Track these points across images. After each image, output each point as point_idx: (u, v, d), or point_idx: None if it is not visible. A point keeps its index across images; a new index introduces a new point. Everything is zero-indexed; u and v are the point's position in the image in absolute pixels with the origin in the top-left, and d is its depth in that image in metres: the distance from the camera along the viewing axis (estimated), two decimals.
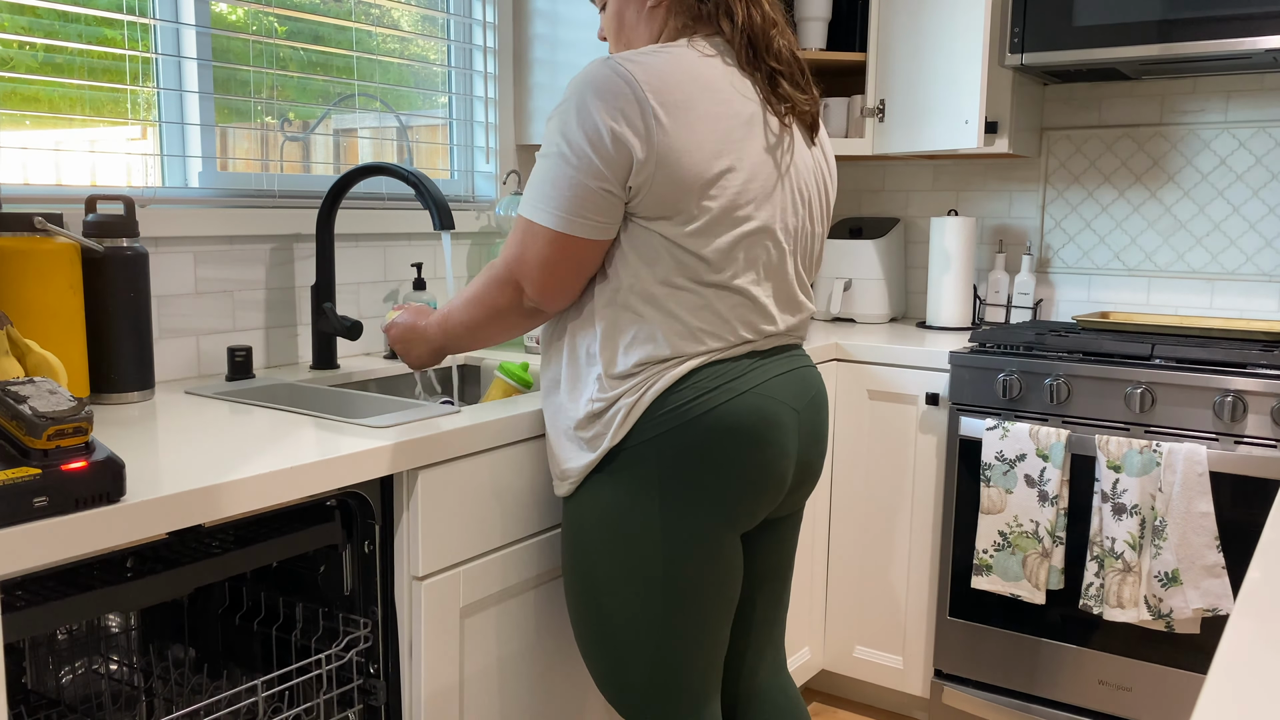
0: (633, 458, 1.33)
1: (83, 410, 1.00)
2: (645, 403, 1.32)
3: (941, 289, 2.63)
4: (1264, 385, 1.94)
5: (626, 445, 1.33)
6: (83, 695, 1.33)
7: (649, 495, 1.33)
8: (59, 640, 1.37)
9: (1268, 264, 2.49)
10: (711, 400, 1.32)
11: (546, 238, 1.30)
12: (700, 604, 1.37)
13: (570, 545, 1.41)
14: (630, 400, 1.32)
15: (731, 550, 1.38)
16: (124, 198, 1.55)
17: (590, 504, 1.37)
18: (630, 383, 1.32)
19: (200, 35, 1.83)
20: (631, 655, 1.38)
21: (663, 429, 1.32)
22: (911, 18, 2.46)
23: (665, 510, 1.33)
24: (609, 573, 1.36)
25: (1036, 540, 2.11)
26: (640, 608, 1.35)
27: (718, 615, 1.40)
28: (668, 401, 1.32)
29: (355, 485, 1.31)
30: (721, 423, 1.32)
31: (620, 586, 1.36)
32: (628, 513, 1.34)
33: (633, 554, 1.34)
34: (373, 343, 2.13)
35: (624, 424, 1.32)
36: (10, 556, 0.93)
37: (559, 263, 1.31)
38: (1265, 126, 2.46)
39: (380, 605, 1.37)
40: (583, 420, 1.35)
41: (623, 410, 1.32)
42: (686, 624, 1.37)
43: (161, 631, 1.52)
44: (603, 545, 1.36)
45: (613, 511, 1.34)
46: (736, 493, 1.35)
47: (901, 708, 2.52)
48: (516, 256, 1.33)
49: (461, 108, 2.40)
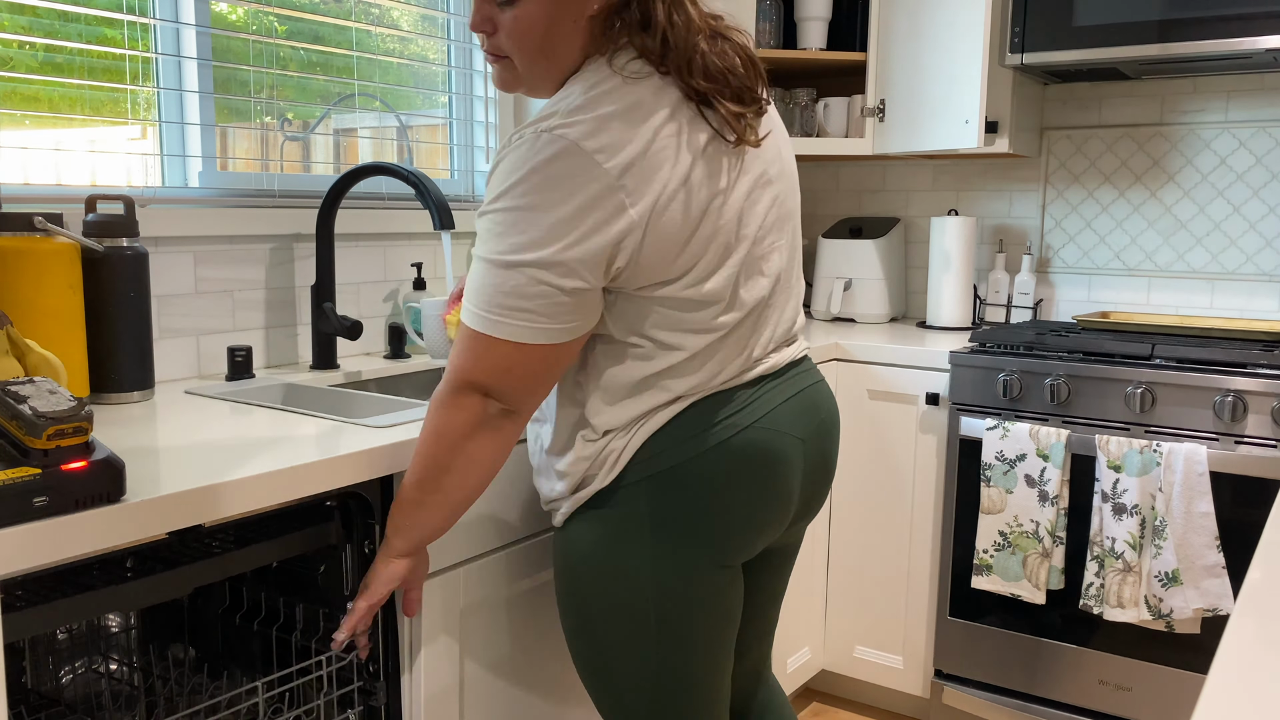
0: (622, 498, 1.24)
1: (83, 410, 1.00)
2: (635, 445, 1.23)
3: (942, 289, 2.63)
4: (1264, 385, 1.94)
5: (617, 486, 1.25)
6: (83, 695, 1.33)
7: (639, 535, 1.24)
8: (59, 640, 1.37)
9: (1268, 264, 2.49)
10: (708, 440, 1.22)
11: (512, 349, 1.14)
12: (699, 643, 1.30)
13: (562, 577, 1.32)
14: (620, 444, 1.23)
15: (730, 585, 1.30)
16: (124, 198, 1.55)
17: (580, 537, 1.28)
18: (621, 426, 1.23)
19: (200, 35, 1.83)
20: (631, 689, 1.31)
21: (653, 470, 1.23)
22: (911, 18, 2.46)
23: (657, 552, 1.24)
24: (602, 607, 1.28)
25: (1037, 540, 2.11)
26: (636, 645, 1.29)
27: (719, 650, 1.33)
28: (657, 443, 1.23)
29: (355, 485, 1.31)
30: (719, 464, 1.22)
31: (615, 622, 1.28)
32: (617, 550, 1.25)
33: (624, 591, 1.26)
34: (373, 343, 2.13)
35: (614, 467, 1.24)
36: (10, 556, 0.93)
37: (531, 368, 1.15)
38: (1265, 126, 2.46)
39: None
40: (568, 466, 1.26)
41: (614, 453, 1.24)
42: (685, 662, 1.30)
43: (161, 631, 1.52)
44: (592, 581, 1.28)
45: (602, 547, 1.26)
46: (734, 533, 1.27)
47: (901, 708, 2.52)
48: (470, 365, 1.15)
49: (461, 108, 2.40)
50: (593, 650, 1.32)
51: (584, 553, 1.29)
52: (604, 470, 1.24)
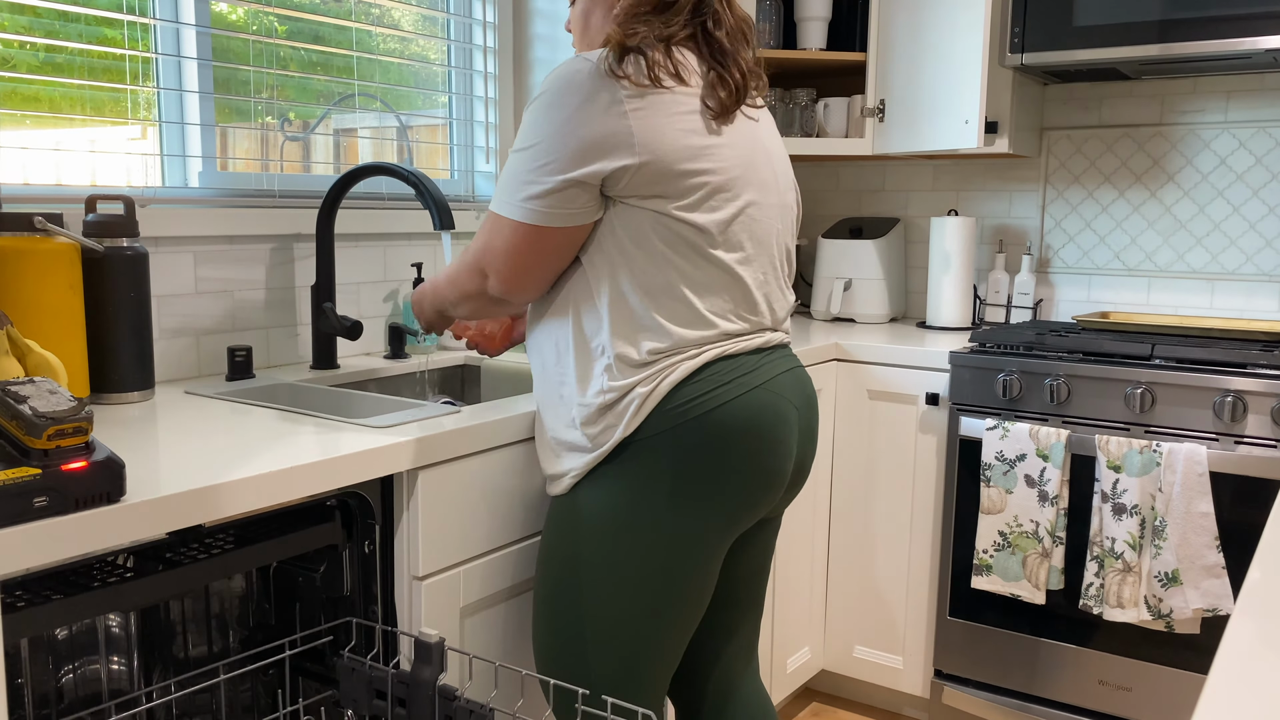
0: (642, 451, 1.30)
1: (83, 410, 1.00)
2: (660, 393, 1.29)
3: (941, 289, 2.63)
4: (1264, 385, 1.94)
5: (637, 438, 1.31)
6: (83, 695, 1.33)
7: (657, 490, 1.30)
8: (59, 640, 1.37)
9: (1268, 264, 2.49)
10: (726, 394, 1.31)
11: (511, 229, 1.30)
12: (684, 606, 1.36)
13: (557, 537, 1.37)
14: (645, 390, 1.29)
15: (722, 552, 1.37)
16: (124, 198, 1.55)
17: (589, 498, 1.34)
18: (645, 372, 1.30)
19: (200, 35, 1.83)
20: (598, 653, 1.35)
21: (677, 421, 1.30)
22: (911, 18, 2.46)
23: (673, 507, 1.31)
24: (596, 566, 1.33)
25: (1036, 540, 2.11)
26: (624, 604, 1.33)
27: (693, 618, 1.38)
28: (683, 393, 1.30)
29: (355, 485, 1.31)
30: (736, 418, 1.31)
31: (605, 581, 1.33)
32: (631, 508, 1.31)
33: (628, 549, 1.32)
34: (373, 343, 2.13)
35: (637, 415, 1.30)
36: (10, 556, 0.93)
37: (525, 253, 1.31)
38: (1265, 126, 2.46)
39: (380, 605, 1.37)
40: (592, 414, 1.32)
41: (636, 400, 1.30)
42: (666, 625, 1.35)
43: (161, 631, 1.52)
44: (596, 539, 1.33)
45: (615, 506, 1.32)
46: (745, 492, 1.34)
47: (901, 708, 2.52)
48: (483, 246, 1.35)
49: (461, 108, 2.40)
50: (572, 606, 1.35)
51: (596, 509, 1.33)
52: (625, 420, 1.30)
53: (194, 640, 1.42)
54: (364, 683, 1.25)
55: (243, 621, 1.47)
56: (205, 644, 1.43)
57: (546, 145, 1.27)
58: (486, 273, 1.35)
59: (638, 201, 1.28)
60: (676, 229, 1.29)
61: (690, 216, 1.29)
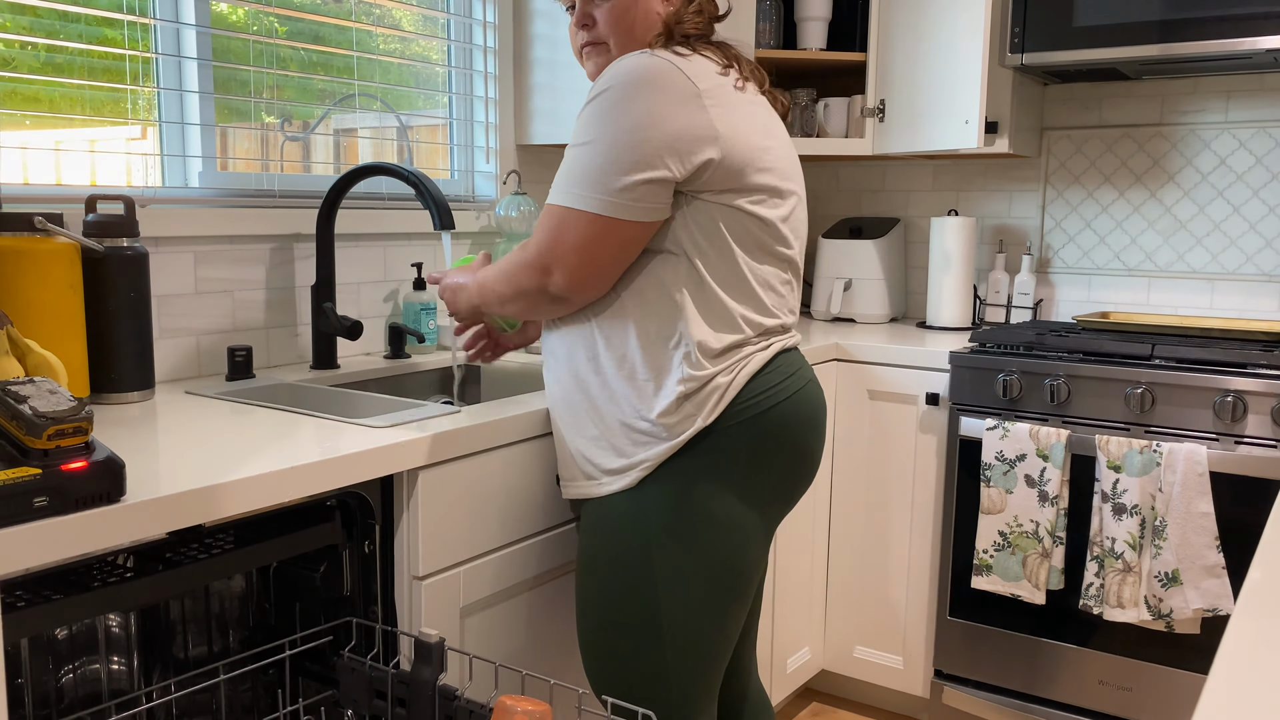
0: (719, 441, 1.30)
1: (83, 410, 1.00)
2: (738, 384, 1.30)
3: (941, 289, 2.63)
4: (1264, 385, 1.94)
5: (716, 428, 1.30)
6: (83, 695, 1.33)
7: (732, 482, 1.31)
8: (59, 640, 1.37)
9: (1268, 264, 2.49)
10: (792, 385, 1.34)
11: (586, 222, 1.27)
12: (747, 600, 1.37)
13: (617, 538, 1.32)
14: (725, 380, 1.30)
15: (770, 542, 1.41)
16: (124, 198, 1.55)
17: (661, 492, 1.30)
18: (724, 362, 1.30)
19: (200, 35, 1.83)
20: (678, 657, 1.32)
21: (752, 413, 1.31)
22: (911, 18, 2.46)
23: (743, 499, 1.31)
24: (672, 566, 1.30)
25: (1036, 540, 2.11)
26: (703, 601, 1.31)
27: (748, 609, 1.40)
28: (756, 385, 1.31)
29: (355, 485, 1.31)
30: (800, 411, 1.34)
31: (684, 580, 1.30)
32: (709, 499, 1.30)
33: (708, 543, 1.30)
34: (373, 343, 2.13)
35: (718, 405, 1.29)
36: (10, 556, 0.93)
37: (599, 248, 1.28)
38: (1265, 126, 2.46)
39: (380, 605, 1.37)
40: (672, 403, 1.29)
41: (718, 390, 1.30)
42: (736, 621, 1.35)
43: (161, 631, 1.52)
44: (673, 534, 1.30)
45: (692, 498, 1.30)
46: (799, 484, 1.38)
47: (901, 708, 2.52)
48: (550, 241, 1.29)
49: (462, 108, 2.40)
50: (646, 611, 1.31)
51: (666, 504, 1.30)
52: (706, 410, 1.30)
53: (194, 640, 1.42)
54: (364, 683, 1.25)
55: (243, 621, 1.47)
56: (205, 644, 1.43)
57: (627, 139, 1.24)
58: (551, 269, 1.30)
59: (711, 196, 1.29)
60: (746, 224, 1.30)
61: (759, 211, 1.31)
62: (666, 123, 1.24)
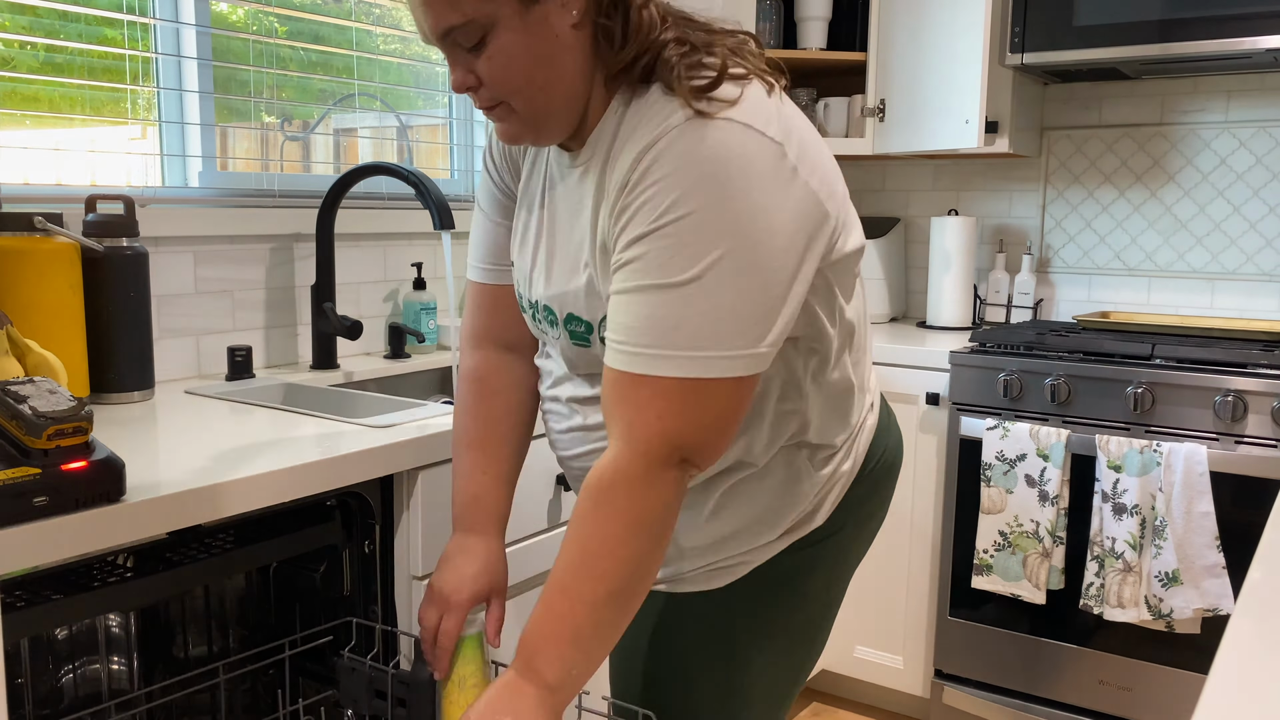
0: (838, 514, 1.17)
1: (83, 410, 1.00)
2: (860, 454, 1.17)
3: (942, 289, 2.63)
4: (1264, 385, 1.94)
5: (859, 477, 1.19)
6: (83, 695, 1.33)
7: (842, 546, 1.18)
8: (59, 640, 1.37)
9: (1268, 264, 2.48)
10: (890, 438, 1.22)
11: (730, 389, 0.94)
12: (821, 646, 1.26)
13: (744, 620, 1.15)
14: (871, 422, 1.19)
15: None
16: (124, 197, 1.55)
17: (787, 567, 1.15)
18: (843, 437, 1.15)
19: (200, 35, 1.83)
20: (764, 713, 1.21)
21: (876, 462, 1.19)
22: (911, 18, 2.46)
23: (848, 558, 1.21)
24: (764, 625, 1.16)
25: (1037, 540, 2.11)
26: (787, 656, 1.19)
27: None
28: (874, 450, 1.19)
29: (355, 485, 1.31)
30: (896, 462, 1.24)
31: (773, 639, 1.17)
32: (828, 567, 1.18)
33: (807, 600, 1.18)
34: (373, 343, 2.13)
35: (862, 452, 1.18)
36: (10, 556, 0.93)
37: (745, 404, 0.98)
38: (1265, 126, 2.46)
39: (380, 605, 1.37)
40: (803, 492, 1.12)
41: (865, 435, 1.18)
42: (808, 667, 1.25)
43: (161, 631, 1.52)
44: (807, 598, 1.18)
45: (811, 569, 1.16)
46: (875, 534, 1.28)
47: (901, 708, 2.52)
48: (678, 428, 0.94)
49: (461, 108, 2.40)
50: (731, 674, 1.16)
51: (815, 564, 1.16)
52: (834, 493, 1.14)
53: (194, 640, 1.42)
54: (364, 683, 1.25)
55: (243, 621, 1.47)
56: (205, 644, 1.43)
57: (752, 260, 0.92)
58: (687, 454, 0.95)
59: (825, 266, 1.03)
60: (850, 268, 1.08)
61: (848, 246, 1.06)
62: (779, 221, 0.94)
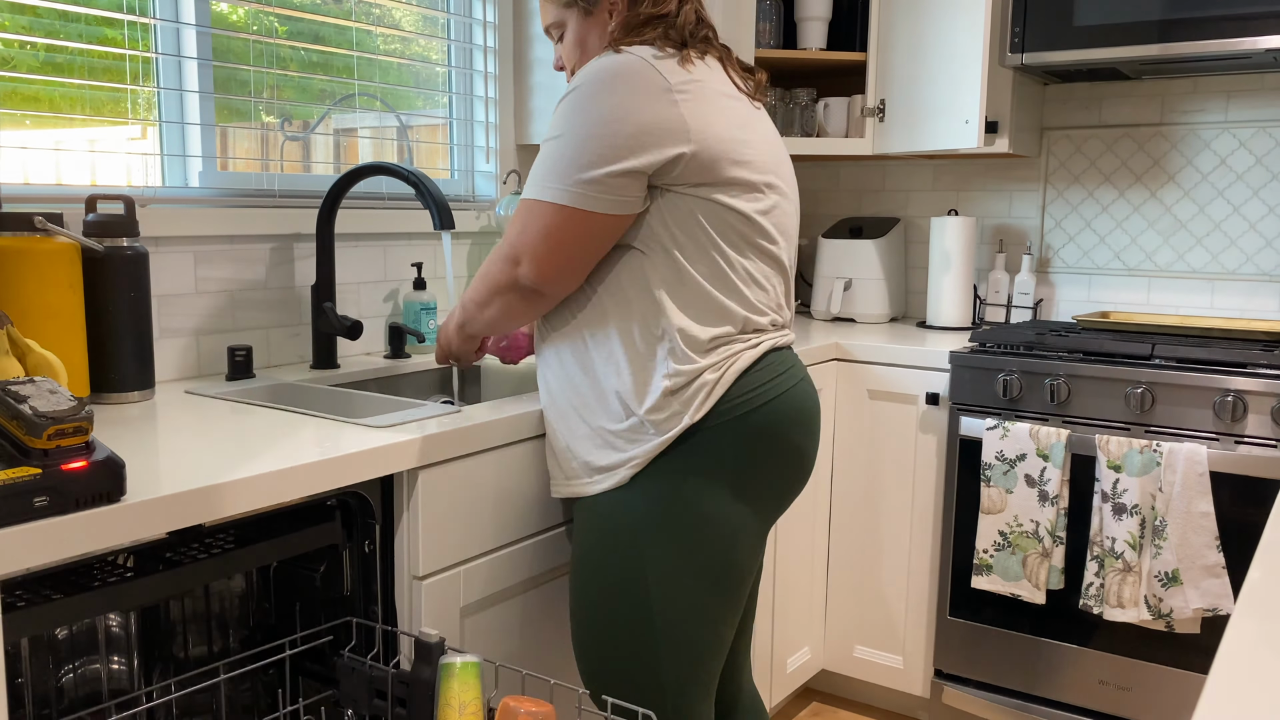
0: (708, 438, 1.30)
1: (83, 410, 1.00)
2: (727, 381, 1.30)
3: (941, 289, 2.63)
4: (1264, 385, 1.94)
5: (704, 425, 1.30)
6: (83, 695, 1.33)
7: (722, 479, 1.31)
8: (59, 640, 1.37)
9: (1268, 264, 2.48)
10: (783, 384, 1.34)
11: (553, 213, 1.28)
12: (741, 599, 1.37)
13: (610, 537, 1.33)
14: (713, 376, 1.30)
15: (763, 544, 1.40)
16: (124, 197, 1.55)
17: (651, 490, 1.31)
18: (711, 358, 1.30)
19: (200, 35, 1.83)
20: (672, 655, 1.33)
21: (741, 410, 1.31)
22: (911, 18, 2.46)
23: (737, 496, 1.31)
24: (665, 561, 1.31)
25: (1036, 540, 2.11)
26: (695, 600, 1.32)
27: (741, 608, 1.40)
28: (746, 382, 1.31)
29: (355, 485, 1.31)
30: (791, 409, 1.34)
31: (678, 576, 1.31)
32: (699, 497, 1.30)
33: (699, 540, 1.31)
34: (373, 343, 2.13)
35: (705, 402, 1.30)
36: (10, 556, 0.93)
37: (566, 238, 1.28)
38: (1265, 126, 2.46)
39: (380, 605, 1.37)
40: (659, 400, 1.30)
41: (706, 386, 1.30)
42: (730, 620, 1.36)
43: (161, 631, 1.52)
44: (664, 531, 1.31)
45: (683, 496, 1.30)
46: (793, 483, 1.37)
47: (901, 708, 2.52)
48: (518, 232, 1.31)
49: (462, 107, 2.40)
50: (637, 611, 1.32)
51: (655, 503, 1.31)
52: (694, 406, 1.29)
53: (194, 640, 1.42)
54: (364, 682, 1.25)
55: (243, 621, 1.47)
56: (205, 644, 1.43)
57: (597, 133, 1.25)
58: (519, 259, 1.31)
59: (686, 189, 1.29)
60: (726, 217, 1.30)
61: (737, 204, 1.30)
62: (635, 116, 1.25)
